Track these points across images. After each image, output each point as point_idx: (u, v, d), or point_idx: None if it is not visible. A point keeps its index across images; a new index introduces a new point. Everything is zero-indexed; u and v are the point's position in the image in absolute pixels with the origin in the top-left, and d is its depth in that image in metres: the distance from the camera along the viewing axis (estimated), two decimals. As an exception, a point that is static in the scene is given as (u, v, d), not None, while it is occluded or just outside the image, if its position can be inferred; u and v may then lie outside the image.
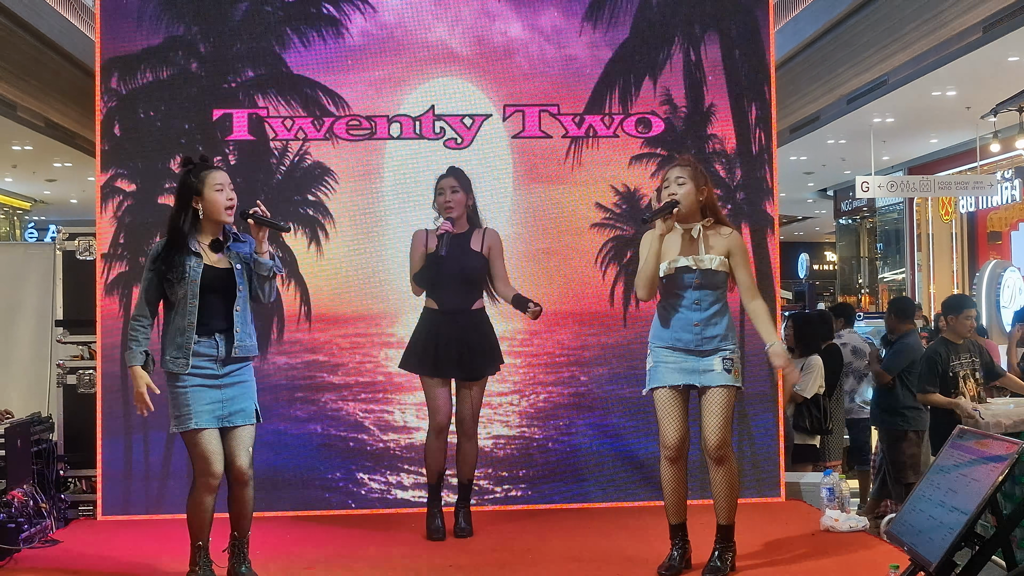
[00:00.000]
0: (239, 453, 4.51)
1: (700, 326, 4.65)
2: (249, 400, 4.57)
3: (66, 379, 6.37)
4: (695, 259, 4.65)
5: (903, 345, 7.66)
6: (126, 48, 6.28)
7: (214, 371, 4.48)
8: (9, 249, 8.18)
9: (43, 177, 18.78)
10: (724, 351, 4.67)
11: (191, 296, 4.45)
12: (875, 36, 12.55)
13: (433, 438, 5.51)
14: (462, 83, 6.42)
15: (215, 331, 4.49)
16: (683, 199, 4.63)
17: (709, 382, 4.64)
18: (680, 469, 4.70)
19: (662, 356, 4.72)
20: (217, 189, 4.49)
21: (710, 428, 4.64)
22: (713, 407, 4.64)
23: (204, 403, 4.45)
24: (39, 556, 5.19)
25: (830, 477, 5.82)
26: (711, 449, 4.64)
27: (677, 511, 4.75)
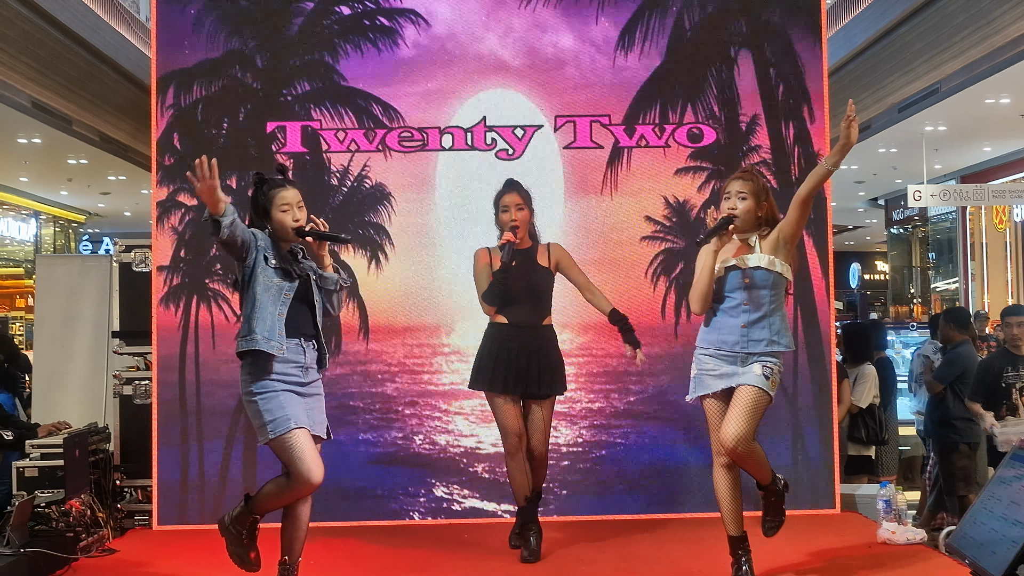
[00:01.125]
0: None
1: (746, 328, 4.56)
2: (323, 414, 4.36)
3: (122, 390, 6.44)
4: (742, 258, 4.59)
5: (955, 355, 7.57)
6: (183, 62, 6.36)
7: (299, 379, 4.26)
8: (66, 261, 8.32)
9: (98, 190, 19.08)
10: (766, 359, 4.55)
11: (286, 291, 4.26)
12: (926, 44, 12.42)
13: (511, 460, 5.26)
14: (513, 94, 6.43)
15: (302, 336, 4.29)
16: (742, 214, 4.58)
17: (740, 381, 4.53)
18: (736, 477, 4.58)
19: (705, 363, 4.65)
20: (283, 209, 4.33)
21: (730, 419, 4.47)
22: (736, 401, 4.51)
23: (297, 406, 4.19)
24: (96, 565, 5.24)
25: (886, 489, 5.75)
26: (725, 444, 4.46)
27: (737, 522, 4.58)
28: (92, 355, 7.06)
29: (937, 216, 20.75)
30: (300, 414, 4.18)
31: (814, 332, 6.33)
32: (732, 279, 4.61)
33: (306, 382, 4.27)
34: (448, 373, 6.33)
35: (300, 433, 4.14)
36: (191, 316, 6.26)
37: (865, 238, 28.85)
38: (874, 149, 16.08)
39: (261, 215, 4.37)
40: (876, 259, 31.20)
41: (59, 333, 7.12)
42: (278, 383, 4.18)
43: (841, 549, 5.24)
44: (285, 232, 4.33)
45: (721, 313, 4.63)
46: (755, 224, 4.64)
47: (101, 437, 6.30)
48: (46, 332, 7.20)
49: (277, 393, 4.17)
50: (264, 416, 4.15)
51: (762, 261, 4.55)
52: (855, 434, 7.13)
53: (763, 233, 4.64)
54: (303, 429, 4.15)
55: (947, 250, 20.75)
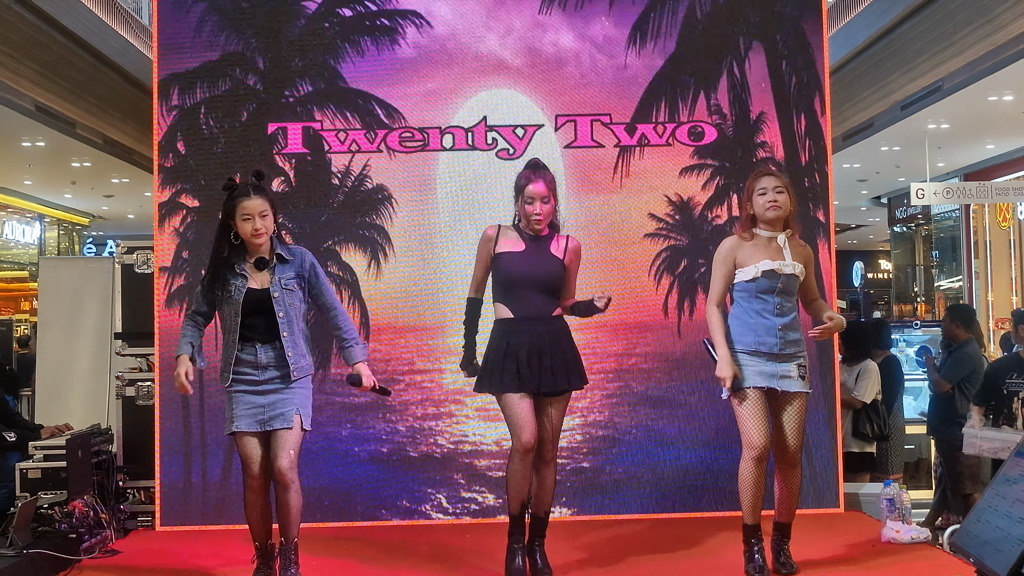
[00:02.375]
0: (278, 455, 4.60)
1: (783, 331, 4.78)
2: (289, 406, 4.64)
3: (125, 391, 6.45)
4: (782, 264, 4.79)
5: (962, 354, 7.55)
6: (184, 64, 6.36)
7: (255, 377, 4.65)
8: (69, 264, 8.35)
9: (101, 193, 19.10)
10: (800, 358, 4.83)
11: (234, 315, 4.65)
12: (929, 42, 12.40)
13: (518, 461, 4.80)
14: (514, 94, 6.43)
15: (256, 341, 4.66)
16: (783, 206, 4.83)
17: (788, 387, 4.78)
18: (763, 468, 4.75)
19: (743, 360, 4.79)
20: (244, 218, 4.61)
21: (791, 433, 4.79)
22: (793, 414, 4.80)
23: (245, 407, 4.65)
24: (99, 566, 5.25)
25: (890, 488, 5.73)
26: (791, 453, 4.80)
27: (756, 511, 4.77)
28: (95, 357, 7.07)
29: (940, 214, 20.70)
30: (243, 416, 4.64)
31: (817, 330, 6.31)
32: (767, 283, 4.80)
33: (261, 379, 4.65)
34: (451, 373, 6.32)
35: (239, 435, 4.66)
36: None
37: (868, 237, 28.80)
38: (877, 147, 16.05)
39: (226, 221, 4.68)
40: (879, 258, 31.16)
41: (62, 335, 7.13)
42: (235, 383, 4.67)
43: (845, 548, 5.23)
44: (246, 240, 4.66)
45: (756, 315, 4.80)
46: (784, 221, 4.88)
47: (104, 438, 6.30)
48: (49, 334, 7.21)
49: (231, 395, 4.68)
50: (225, 413, 4.76)
51: (796, 270, 4.83)
52: (860, 429, 7.10)
53: (789, 235, 4.87)
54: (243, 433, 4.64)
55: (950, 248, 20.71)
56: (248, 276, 4.66)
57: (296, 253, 4.76)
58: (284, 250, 4.74)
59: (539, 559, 4.92)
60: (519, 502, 4.85)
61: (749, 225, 4.88)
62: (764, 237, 4.83)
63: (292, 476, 4.60)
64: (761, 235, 4.84)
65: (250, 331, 4.64)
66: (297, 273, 4.71)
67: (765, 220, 4.82)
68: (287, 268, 4.69)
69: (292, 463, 4.60)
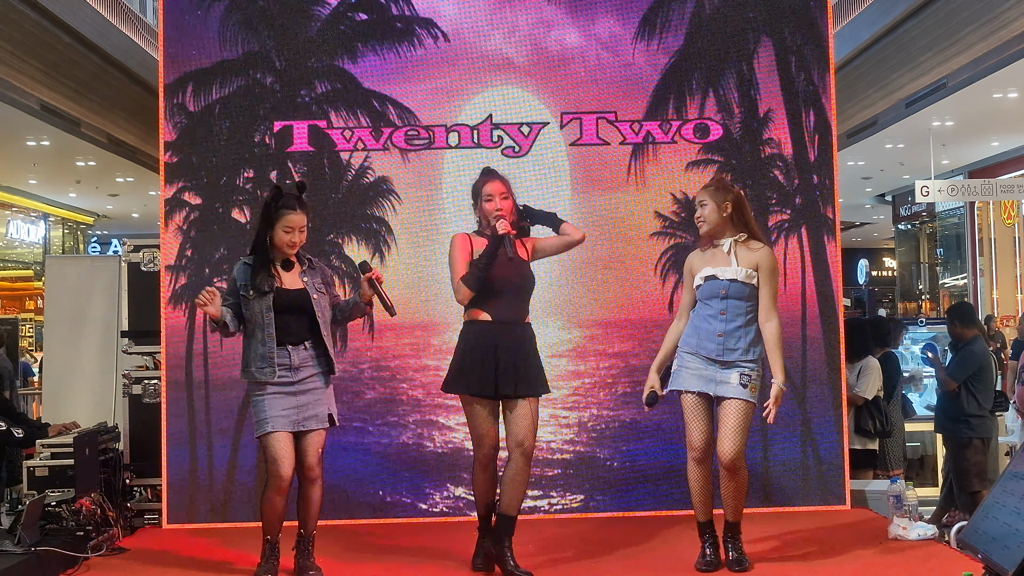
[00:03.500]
0: (308, 452, 4.82)
1: (723, 337, 4.80)
2: (323, 406, 4.87)
3: (131, 389, 6.45)
4: (723, 269, 4.82)
5: (969, 352, 7.54)
6: (189, 64, 6.37)
7: (289, 379, 4.80)
8: (75, 262, 8.36)
9: (106, 192, 19.14)
10: (743, 367, 4.79)
11: (266, 311, 4.79)
12: (933, 39, 12.41)
13: (480, 470, 4.92)
14: (519, 91, 6.43)
15: (288, 343, 4.82)
16: (707, 219, 4.87)
17: (723, 393, 4.79)
18: (706, 469, 4.88)
19: (686, 360, 4.89)
20: (286, 230, 4.82)
21: (723, 439, 4.76)
22: (727, 419, 4.77)
23: (280, 409, 4.78)
24: (107, 564, 5.24)
25: (897, 485, 5.73)
26: (725, 460, 4.77)
27: (704, 509, 4.90)
28: (101, 355, 7.09)
29: (945, 212, 20.71)
30: (278, 417, 4.76)
31: (822, 329, 6.32)
32: (709, 288, 4.85)
33: (295, 380, 4.81)
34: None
35: (272, 435, 4.75)
36: (199, 315, 6.26)
37: (872, 234, 28.81)
38: (881, 145, 16.07)
39: (266, 223, 4.85)
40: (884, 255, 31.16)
41: (68, 333, 7.14)
42: (269, 385, 4.78)
43: (853, 545, 5.22)
44: (281, 248, 4.85)
45: (699, 319, 4.88)
46: (727, 226, 4.89)
47: (111, 436, 6.31)
48: (56, 332, 7.23)
49: (263, 397, 4.79)
50: (253, 417, 4.86)
51: (739, 275, 4.81)
52: (863, 426, 7.10)
53: (739, 239, 4.87)
54: (276, 432, 4.75)
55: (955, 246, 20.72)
56: (277, 276, 4.86)
57: (316, 263, 5.06)
58: (310, 257, 5.02)
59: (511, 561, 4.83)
60: (485, 505, 4.98)
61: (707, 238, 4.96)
62: (719, 245, 4.90)
63: (319, 471, 4.87)
64: (719, 243, 4.90)
65: (283, 333, 4.80)
66: (323, 280, 4.99)
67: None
68: (315, 275, 4.96)
69: (319, 459, 4.87)
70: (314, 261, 5.03)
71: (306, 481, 4.85)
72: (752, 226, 4.94)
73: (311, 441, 4.83)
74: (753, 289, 4.82)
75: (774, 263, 4.88)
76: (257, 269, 4.83)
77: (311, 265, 4.97)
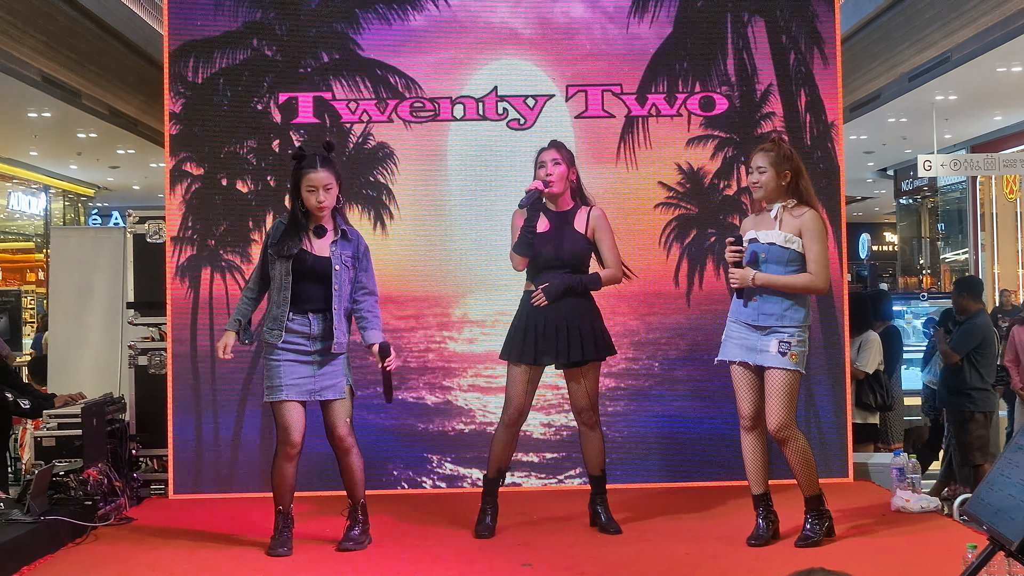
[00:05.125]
0: (337, 424, 4.79)
1: (758, 301, 4.73)
2: (339, 376, 4.81)
3: (137, 360, 6.47)
4: (765, 233, 4.75)
5: (972, 326, 7.56)
6: (192, 34, 6.34)
7: (306, 347, 4.76)
8: (80, 233, 8.37)
9: (107, 164, 19.08)
10: (781, 332, 4.71)
11: (285, 274, 4.76)
12: (937, 12, 12.35)
13: (502, 428, 5.10)
14: (525, 63, 6.41)
15: (309, 311, 4.77)
16: (764, 185, 4.75)
17: (764, 363, 4.74)
18: (757, 437, 4.82)
19: (731, 330, 4.86)
20: (309, 190, 4.76)
21: (768, 411, 4.74)
22: (769, 389, 4.73)
23: (294, 377, 4.74)
24: (114, 534, 5.27)
25: (900, 457, 5.77)
26: (771, 431, 4.74)
27: (758, 480, 4.83)
28: (107, 326, 7.10)
29: (947, 186, 20.67)
30: (292, 385, 4.74)
31: (825, 302, 6.31)
32: (751, 253, 4.77)
33: (312, 350, 4.76)
34: (459, 343, 6.34)
35: (285, 403, 4.74)
36: (203, 286, 6.27)
37: (874, 209, 28.77)
38: (884, 119, 16.02)
39: (294, 187, 4.83)
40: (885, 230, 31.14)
41: (74, 305, 7.15)
42: (284, 352, 4.75)
43: (856, 517, 5.25)
44: (310, 210, 4.79)
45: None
46: (782, 192, 4.78)
47: (117, 407, 6.33)
48: (61, 304, 7.24)
49: (279, 363, 4.76)
50: (265, 381, 4.84)
51: (778, 238, 4.72)
52: (863, 400, 7.12)
53: (788, 205, 4.76)
54: (289, 401, 4.74)
55: (956, 221, 20.70)
56: (308, 240, 4.81)
57: (354, 235, 4.95)
58: (348, 229, 4.91)
59: (603, 515, 5.14)
60: (496, 467, 5.12)
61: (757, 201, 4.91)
62: (767, 209, 4.83)
63: (351, 441, 4.84)
64: (769, 208, 4.82)
65: (305, 300, 4.76)
66: (353, 254, 4.88)
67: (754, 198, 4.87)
68: (347, 247, 4.86)
69: (349, 429, 4.83)
70: (352, 234, 4.91)
71: (340, 452, 4.84)
72: (805, 195, 4.79)
73: (336, 411, 4.79)
74: (793, 254, 4.70)
75: (820, 225, 4.75)
76: (287, 232, 4.80)
77: (345, 236, 4.86)
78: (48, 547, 4.84)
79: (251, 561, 4.73)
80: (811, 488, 4.80)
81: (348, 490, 4.91)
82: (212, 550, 4.96)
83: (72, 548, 4.97)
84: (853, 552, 4.68)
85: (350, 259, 4.85)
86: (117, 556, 4.83)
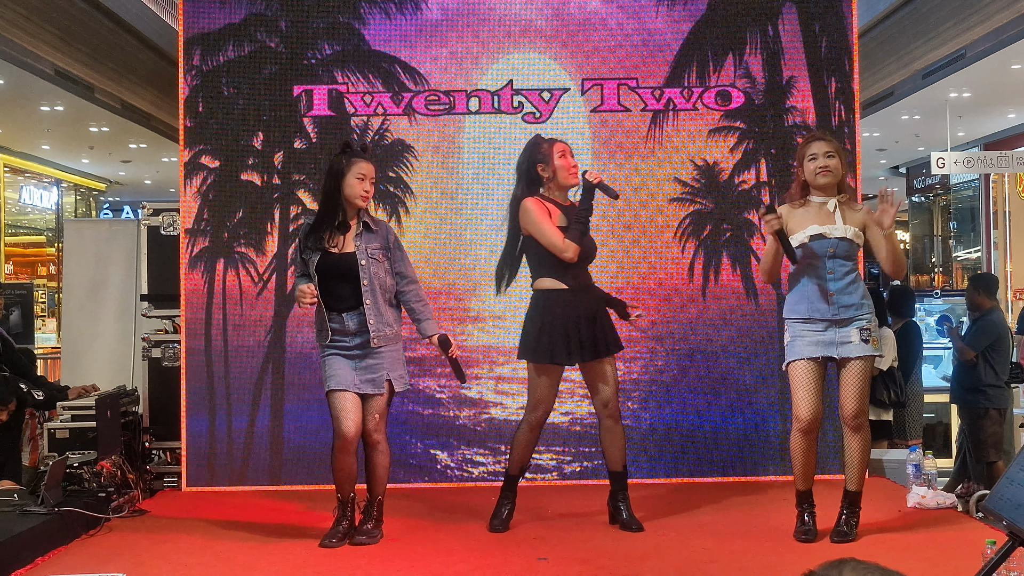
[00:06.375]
0: (367, 419, 4.83)
1: (836, 295, 4.70)
2: (380, 371, 4.82)
3: (151, 353, 6.47)
4: (831, 228, 4.71)
5: (987, 322, 7.53)
6: (207, 26, 6.35)
7: (345, 343, 4.81)
8: (94, 226, 8.35)
9: (119, 158, 19.07)
10: (861, 320, 4.72)
11: (312, 275, 4.81)
12: (952, 9, 12.27)
13: (527, 431, 5.06)
14: (540, 57, 6.39)
15: (343, 309, 4.81)
16: (834, 171, 4.73)
17: (848, 353, 4.71)
18: (812, 441, 4.81)
19: (799, 330, 4.77)
20: (359, 177, 4.79)
21: (849, 397, 4.73)
22: (852, 378, 4.72)
23: (342, 368, 4.80)
24: (128, 525, 5.28)
25: (916, 453, 5.74)
26: (849, 417, 4.74)
27: (806, 478, 4.84)
28: (120, 318, 7.09)
29: (959, 184, 20.56)
30: (340, 376, 4.78)
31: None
32: (818, 247, 4.73)
33: (351, 345, 4.80)
34: (472, 337, 6.33)
35: (334, 393, 4.78)
36: (217, 279, 6.27)
37: (886, 207, 28.63)
38: (897, 116, 15.94)
39: (336, 177, 4.78)
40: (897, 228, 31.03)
41: (87, 297, 7.15)
42: (331, 347, 4.83)
43: (872, 514, 5.21)
44: (352, 196, 4.80)
45: (807, 282, 4.76)
46: (839, 184, 4.79)
47: (130, 400, 6.33)
48: (74, 296, 7.23)
49: (327, 357, 4.84)
50: (323, 373, 4.87)
51: (847, 233, 4.73)
52: (877, 396, 7.07)
53: (843, 199, 4.78)
54: (337, 391, 4.77)
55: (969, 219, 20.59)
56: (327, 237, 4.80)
57: (381, 225, 4.97)
58: (371, 220, 4.91)
59: (624, 512, 5.08)
60: (519, 465, 5.13)
61: (800, 192, 4.82)
62: (816, 203, 4.77)
63: (378, 437, 4.85)
64: (814, 201, 4.78)
65: (336, 298, 4.79)
66: (383, 245, 4.88)
67: (816, 186, 4.75)
68: (373, 239, 4.86)
69: (378, 425, 4.84)
70: (376, 224, 4.92)
71: (367, 447, 4.88)
72: (851, 190, 4.91)
73: (369, 407, 4.82)
74: (857, 247, 4.77)
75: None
76: (311, 231, 4.82)
77: (369, 228, 4.86)
78: (62, 538, 4.85)
79: (265, 553, 4.73)
80: (859, 483, 4.83)
81: (369, 484, 4.93)
82: (225, 542, 4.96)
83: (86, 539, 4.98)
84: (872, 548, 4.64)
85: (379, 251, 4.85)
86: (130, 547, 4.82)
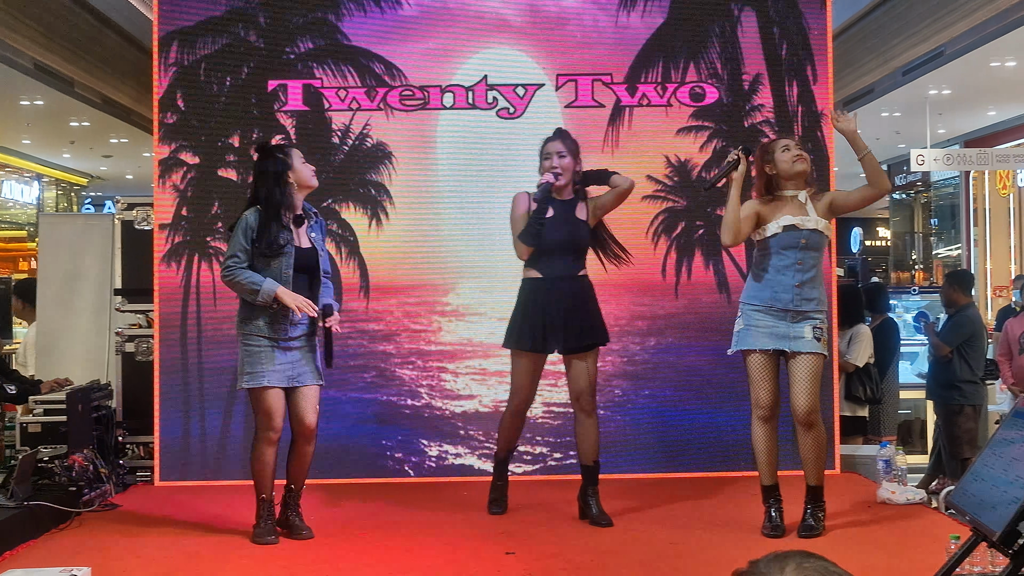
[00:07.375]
0: (308, 411, 4.80)
1: (800, 287, 4.75)
2: (315, 363, 4.84)
3: (124, 347, 6.46)
4: (803, 219, 4.77)
5: (962, 318, 7.57)
6: (185, 20, 6.33)
7: (290, 334, 4.75)
8: (69, 220, 8.34)
9: (100, 153, 19.02)
10: (815, 319, 4.77)
11: (285, 267, 4.72)
12: (931, 6, 12.32)
13: (509, 417, 5.22)
14: (515, 52, 6.40)
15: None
16: (808, 160, 4.88)
17: (799, 348, 4.75)
18: (772, 429, 4.84)
19: (754, 319, 4.81)
20: (303, 161, 4.85)
21: (799, 394, 4.75)
22: (802, 373, 4.75)
23: (275, 364, 4.72)
24: (99, 519, 5.26)
25: (887, 449, 5.77)
26: (801, 414, 4.75)
27: (771, 472, 4.86)
28: (95, 313, 7.09)
29: (940, 181, 20.66)
30: (274, 372, 4.70)
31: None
32: (788, 238, 4.78)
33: (292, 336, 4.76)
34: (448, 332, 6.34)
35: (268, 390, 4.71)
36: (192, 274, 6.26)
37: (867, 204, 28.73)
38: (877, 113, 15.98)
39: (279, 167, 4.76)
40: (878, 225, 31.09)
41: (62, 291, 7.14)
42: (264, 339, 4.72)
43: (841, 509, 5.25)
44: (307, 179, 4.84)
45: (773, 271, 4.80)
46: (806, 182, 4.87)
47: (104, 394, 6.31)
48: (49, 290, 7.22)
49: (260, 350, 4.72)
50: (242, 367, 4.77)
51: (819, 224, 4.80)
52: (853, 393, 7.12)
53: (811, 192, 4.85)
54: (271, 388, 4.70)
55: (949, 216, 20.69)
56: (291, 231, 4.78)
57: (315, 212, 4.99)
58: (308, 206, 4.93)
59: (594, 507, 5.09)
60: (506, 447, 5.30)
61: (764, 188, 4.86)
62: (787, 196, 4.83)
63: (316, 429, 4.86)
64: (785, 194, 4.83)
65: (295, 291, 4.72)
66: (322, 234, 4.96)
67: (792, 174, 4.80)
68: (315, 228, 4.90)
69: (318, 418, 4.84)
70: (310, 209, 4.96)
71: (302, 439, 4.82)
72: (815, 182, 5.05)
73: (308, 399, 4.79)
74: (825, 240, 4.84)
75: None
76: (269, 223, 4.72)
77: (310, 217, 4.91)
78: (31, 532, 4.84)
79: (236, 548, 4.72)
80: (819, 478, 4.84)
81: (294, 477, 4.88)
82: (197, 537, 4.95)
83: (55, 533, 4.96)
84: (837, 543, 4.68)
85: (321, 240, 4.93)
86: (100, 542, 4.81)
